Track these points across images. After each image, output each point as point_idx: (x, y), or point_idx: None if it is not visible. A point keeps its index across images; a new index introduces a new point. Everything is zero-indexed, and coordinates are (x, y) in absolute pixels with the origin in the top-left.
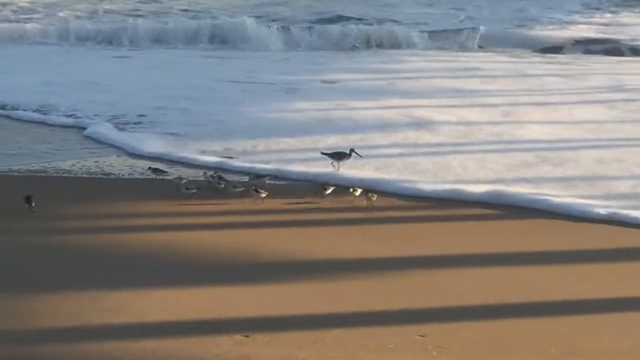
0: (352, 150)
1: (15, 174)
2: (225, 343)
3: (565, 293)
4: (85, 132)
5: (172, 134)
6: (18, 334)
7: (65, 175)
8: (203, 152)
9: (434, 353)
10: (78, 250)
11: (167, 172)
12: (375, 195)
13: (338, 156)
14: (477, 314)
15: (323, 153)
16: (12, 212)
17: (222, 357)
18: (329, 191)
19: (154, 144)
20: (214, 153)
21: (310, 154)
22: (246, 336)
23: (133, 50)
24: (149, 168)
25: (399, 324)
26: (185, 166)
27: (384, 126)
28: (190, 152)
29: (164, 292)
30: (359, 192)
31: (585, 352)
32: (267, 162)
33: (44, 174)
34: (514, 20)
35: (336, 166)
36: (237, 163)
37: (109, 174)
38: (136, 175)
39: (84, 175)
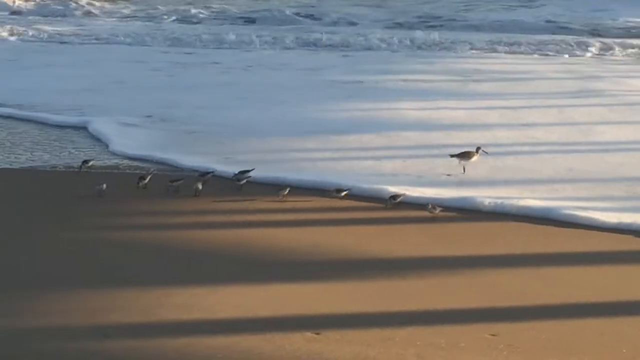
0: (478, 148)
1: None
2: (296, 340)
3: (631, 294)
4: (89, 129)
5: (187, 132)
6: (90, 329)
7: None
8: (195, 154)
9: (505, 352)
10: (148, 246)
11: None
12: (439, 208)
13: (466, 156)
14: (547, 313)
15: (452, 155)
16: (73, 206)
17: (293, 354)
18: (343, 193)
19: (144, 145)
20: (209, 155)
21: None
22: (317, 333)
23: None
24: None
25: (469, 323)
26: (166, 167)
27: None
28: (177, 154)
29: (234, 288)
30: (438, 210)
31: None
32: (253, 165)
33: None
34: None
35: (464, 166)
36: (221, 167)
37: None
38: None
39: (125, 171)
